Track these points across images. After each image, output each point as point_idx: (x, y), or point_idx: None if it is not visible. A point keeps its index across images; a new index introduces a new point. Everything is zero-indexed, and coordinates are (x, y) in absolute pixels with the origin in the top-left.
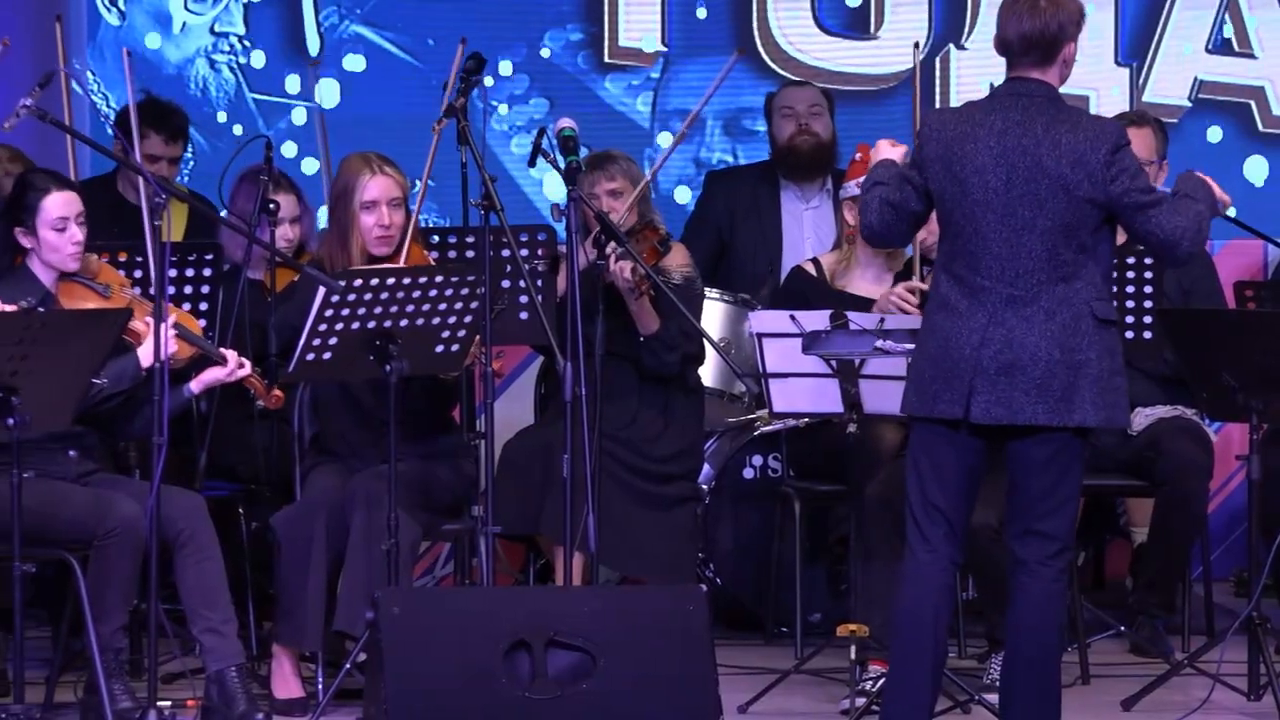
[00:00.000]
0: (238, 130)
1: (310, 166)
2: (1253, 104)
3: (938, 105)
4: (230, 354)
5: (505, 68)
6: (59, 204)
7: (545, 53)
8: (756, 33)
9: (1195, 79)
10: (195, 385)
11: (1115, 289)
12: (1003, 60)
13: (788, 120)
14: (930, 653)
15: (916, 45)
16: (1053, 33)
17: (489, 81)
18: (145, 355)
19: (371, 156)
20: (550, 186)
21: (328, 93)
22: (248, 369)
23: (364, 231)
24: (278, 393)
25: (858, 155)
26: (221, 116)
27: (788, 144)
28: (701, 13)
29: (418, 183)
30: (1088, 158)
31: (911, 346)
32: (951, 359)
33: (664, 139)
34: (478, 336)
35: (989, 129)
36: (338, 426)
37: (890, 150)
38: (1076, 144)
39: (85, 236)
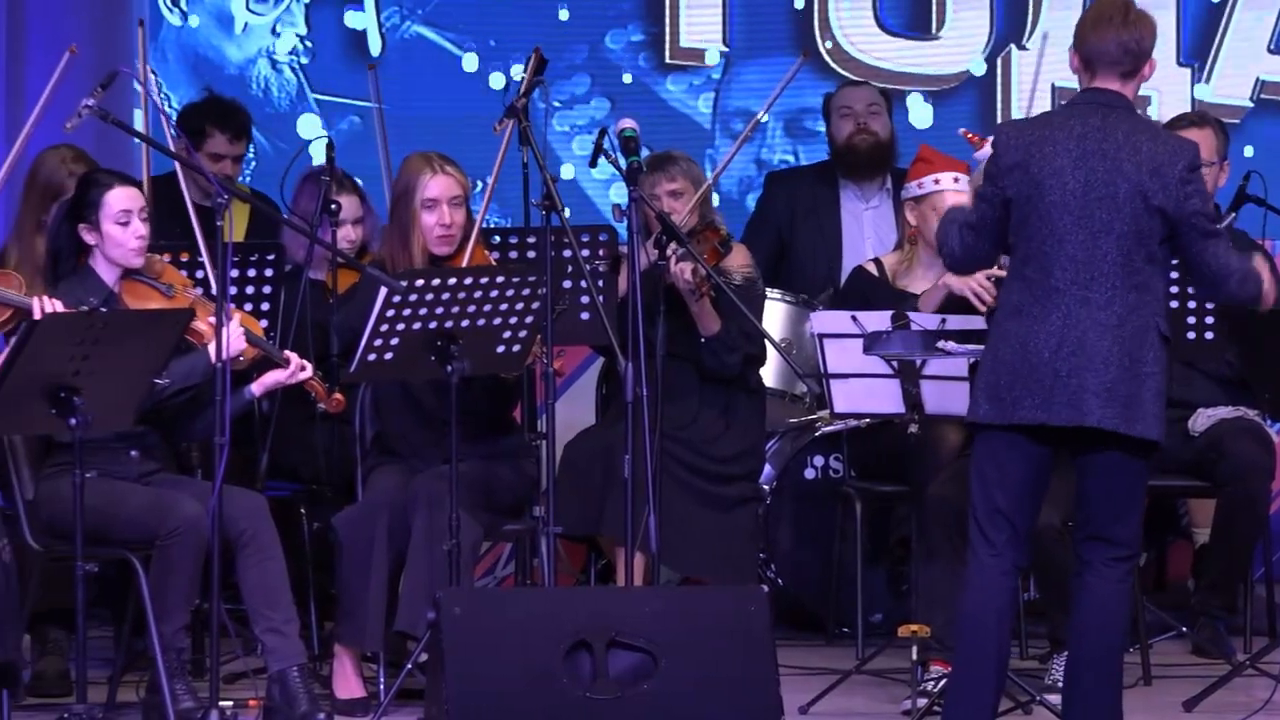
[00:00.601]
0: (303, 127)
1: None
2: None
3: (998, 105)
4: (292, 356)
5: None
6: (121, 198)
7: (606, 53)
8: (818, 33)
9: (1258, 79)
10: (256, 387)
11: (1176, 290)
12: (1063, 60)
13: (846, 120)
14: (994, 655)
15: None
16: (1147, 45)
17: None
18: (214, 350)
19: (432, 156)
20: (597, 187)
21: (388, 92)
22: (309, 372)
23: (425, 231)
24: (338, 396)
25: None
26: (301, 126)
27: (846, 143)
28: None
29: (479, 183)
30: (1165, 170)
31: (975, 347)
32: (1031, 364)
33: (721, 140)
34: (538, 337)
35: (1068, 133)
36: (399, 427)
37: (958, 198)
38: (1156, 154)
39: (149, 233)
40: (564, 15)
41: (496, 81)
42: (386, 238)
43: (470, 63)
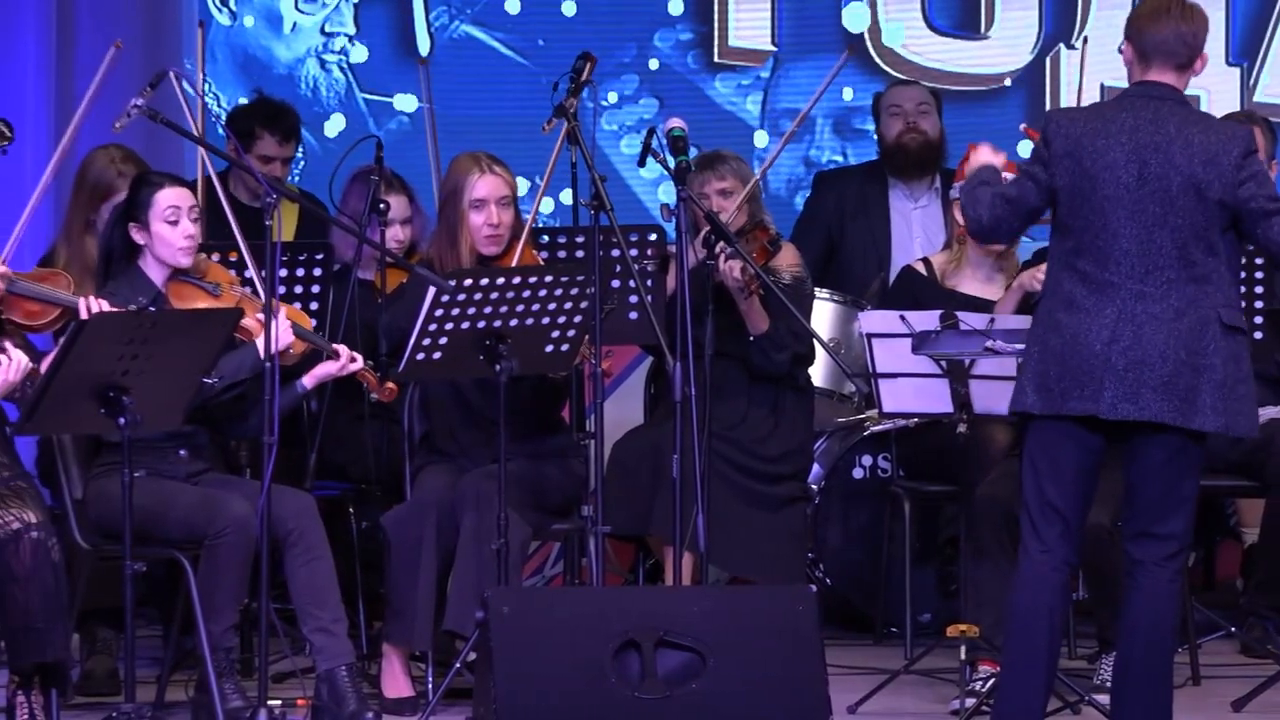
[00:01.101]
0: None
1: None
2: None
3: (1048, 105)
4: (342, 348)
5: (621, 73)
6: (171, 196)
7: (655, 53)
8: (866, 32)
9: None
10: (308, 380)
11: None
12: (1114, 59)
13: (895, 119)
14: (1044, 655)
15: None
16: (1201, 39)
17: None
18: (262, 344)
19: (481, 156)
20: (645, 186)
21: (436, 92)
22: (360, 363)
23: (473, 231)
24: (391, 385)
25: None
26: (336, 121)
27: (896, 142)
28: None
29: (527, 182)
30: (1219, 158)
31: (1023, 346)
32: (1081, 355)
33: (764, 139)
34: (587, 336)
35: (1120, 125)
36: (447, 426)
37: (991, 156)
38: (1209, 144)
39: (199, 233)
40: (612, 15)
41: (544, 81)
42: (435, 238)
43: (518, 62)
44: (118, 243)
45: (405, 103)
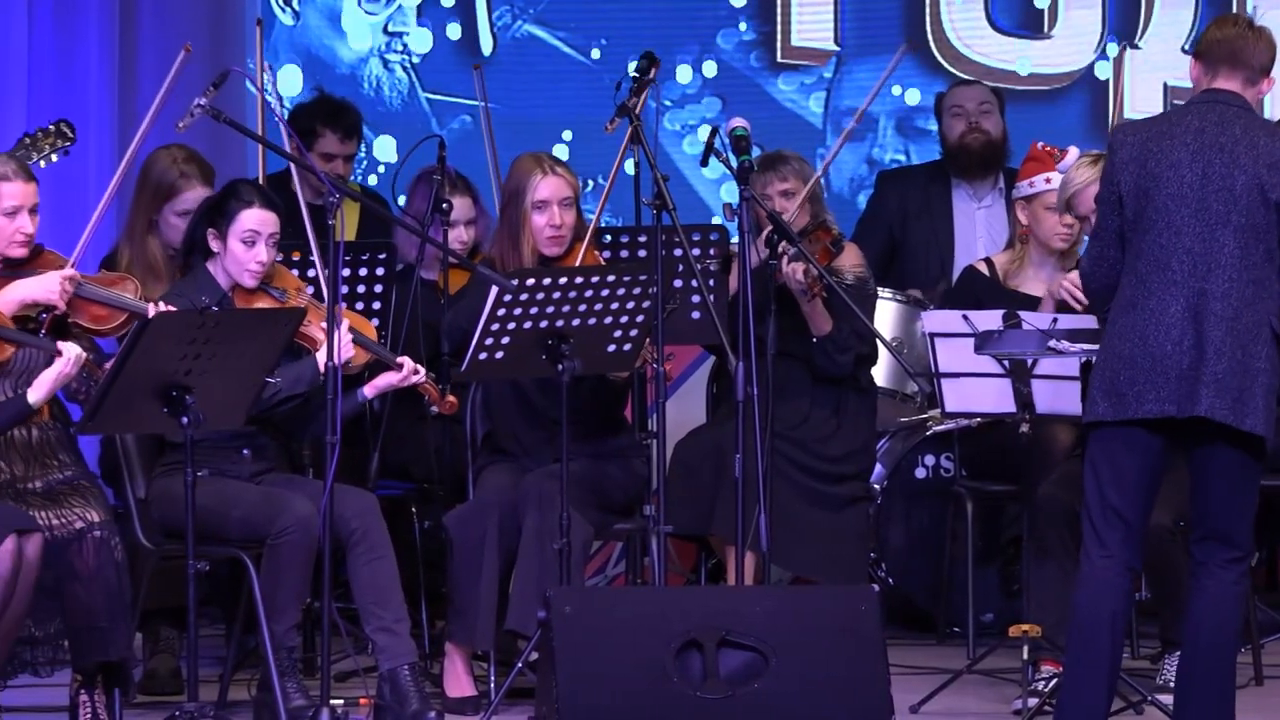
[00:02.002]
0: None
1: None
2: None
3: (1111, 104)
4: (405, 360)
5: (684, 73)
6: (255, 219)
7: (717, 52)
8: (929, 31)
9: None
10: (369, 390)
11: None
12: (1176, 59)
13: (958, 119)
14: (1107, 657)
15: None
16: (1270, 57)
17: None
18: (323, 359)
19: (543, 157)
20: (708, 186)
21: (498, 92)
22: (422, 375)
23: (535, 231)
24: (451, 399)
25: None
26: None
27: (958, 143)
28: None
29: (589, 182)
30: None
31: (1087, 346)
32: (1153, 357)
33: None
34: (649, 336)
35: (1186, 127)
36: (509, 426)
37: None
38: (1274, 148)
39: (271, 259)
40: (675, 14)
41: (607, 81)
42: (496, 238)
43: (581, 62)
44: (199, 240)
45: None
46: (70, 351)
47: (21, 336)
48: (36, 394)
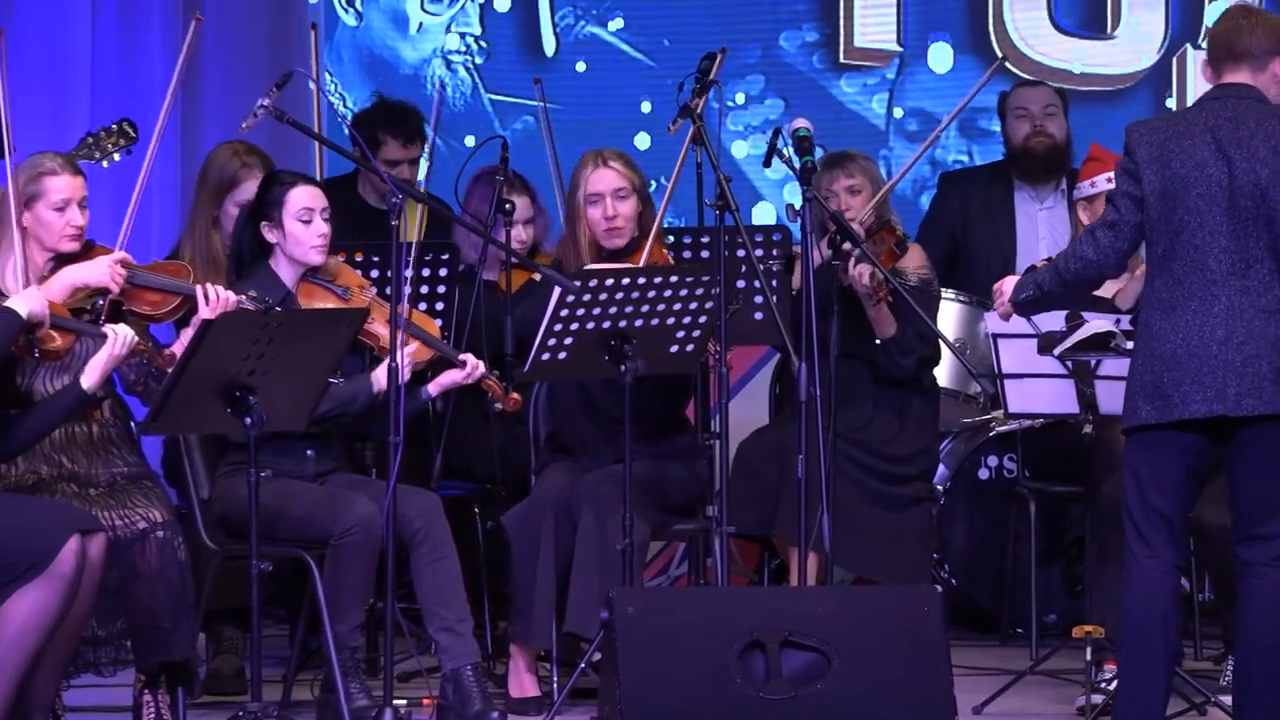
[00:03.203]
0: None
1: None
2: None
3: (1175, 105)
4: (468, 357)
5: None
6: (304, 195)
7: (780, 53)
8: (993, 32)
9: None
10: (433, 388)
11: None
12: None
13: (1022, 121)
14: (1161, 656)
15: None
16: (1271, 41)
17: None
18: (379, 378)
19: (603, 151)
20: (771, 186)
21: (563, 93)
22: (482, 370)
23: (591, 225)
24: (515, 396)
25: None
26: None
27: (1023, 145)
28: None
29: (651, 183)
30: None
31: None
32: (1199, 357)
33: (895, 141)
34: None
35: (1202, 126)
36: (572, 425)
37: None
38: None
39: (329, 234)
40: (738, 15)
41: (670, 81)
42: (561, 235)
43: (643, 63)
44: (247, 243)
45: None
46: (117, 332)
47: (69, 322)
48: (89, 379)
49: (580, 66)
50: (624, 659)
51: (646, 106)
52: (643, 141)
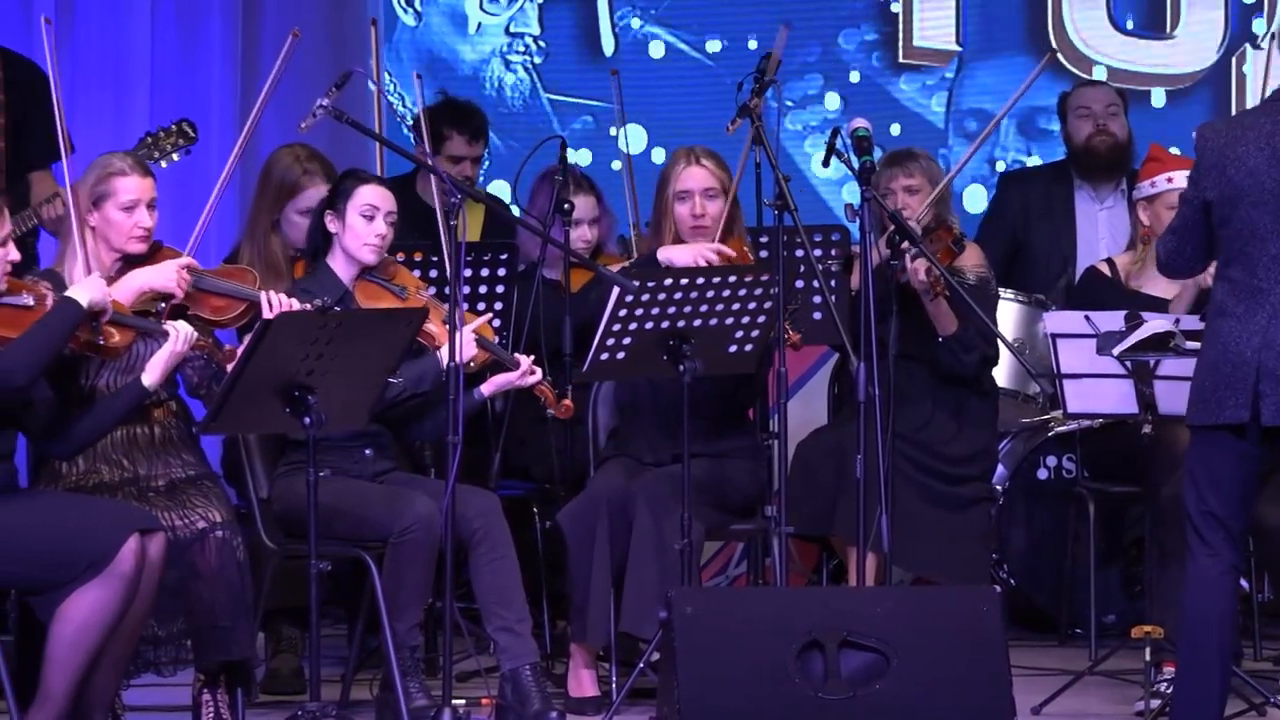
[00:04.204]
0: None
1: None
2: None
3: (1233, 105)
4: (521, 359)
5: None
6: (374, 194)
7: (839, 52)
8: (1052, 32)
9: None
10: (486, 388)
11: None
12: None
13: (1084, 121)
14: (1218, 658)
15: None
16: None
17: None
18: (444, 355)
19: (695, 148)
20: (829, 186)
21: (633, 138)
22: (539, 376)
23: (678, 222)
24: (567, 403)
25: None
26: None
27: (1085, 145)
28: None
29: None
30: None
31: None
32: (1232, 364)
33: (954, 140)
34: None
35: (1258, 131)
36: (631, 425)
37: None
38: None
39: (389, 238)
40: (797, 15)
41: (728, 81)
42: (649, 229)
43: (702, 62)
44: (316, 236)
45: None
46: (178, 329)
47: (130, 319)
48: (150, 376)
49: (638, 66)
50: (682, 659)
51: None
52: (693, 139)
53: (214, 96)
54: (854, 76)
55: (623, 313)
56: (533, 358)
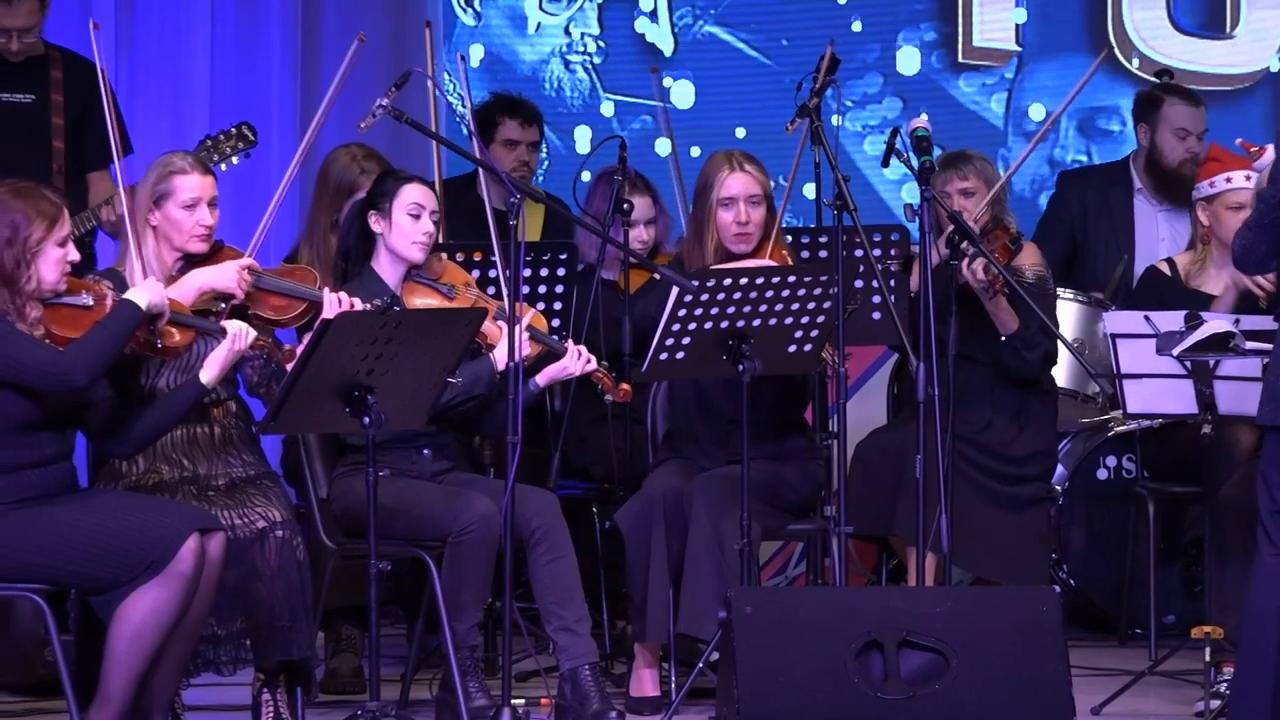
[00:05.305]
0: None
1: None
2: None
3: None
4: (571, 346)
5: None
6: (418, 192)
7: (899, 53)
8: (1112, 32)
9: None
10: (541, 379)
11: None
12: None
13: (1179, 143)
14: (1274, 654)
15: None
16: None
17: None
18: (498, 357)
19: (735, 153)
20: (889, 186)
21: (680, 93)
22: (593, 363)
23: (721, 228)
24: (625, 386)
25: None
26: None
27: (1175, 169)
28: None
29: (776, 182)
30: None
31: (1266, 346)
32: None
33: (1014, 140)
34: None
35: None
36: (689, 424)
37: None
38: None
39: (436, 235)
40: (856, 26)
41: (788, 81)
42: (685, 233)
43: (761, 62)
44: (355, 240)
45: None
46: (235, 328)
47: (188, 319)
48: (208, 373)
49: (698, 66)
50: (742, 659)
51: (763, 105)
52: (751, 139)
53: (274, 98)
54: (914, 77)
55: (682, 312)
56: (583, 347)
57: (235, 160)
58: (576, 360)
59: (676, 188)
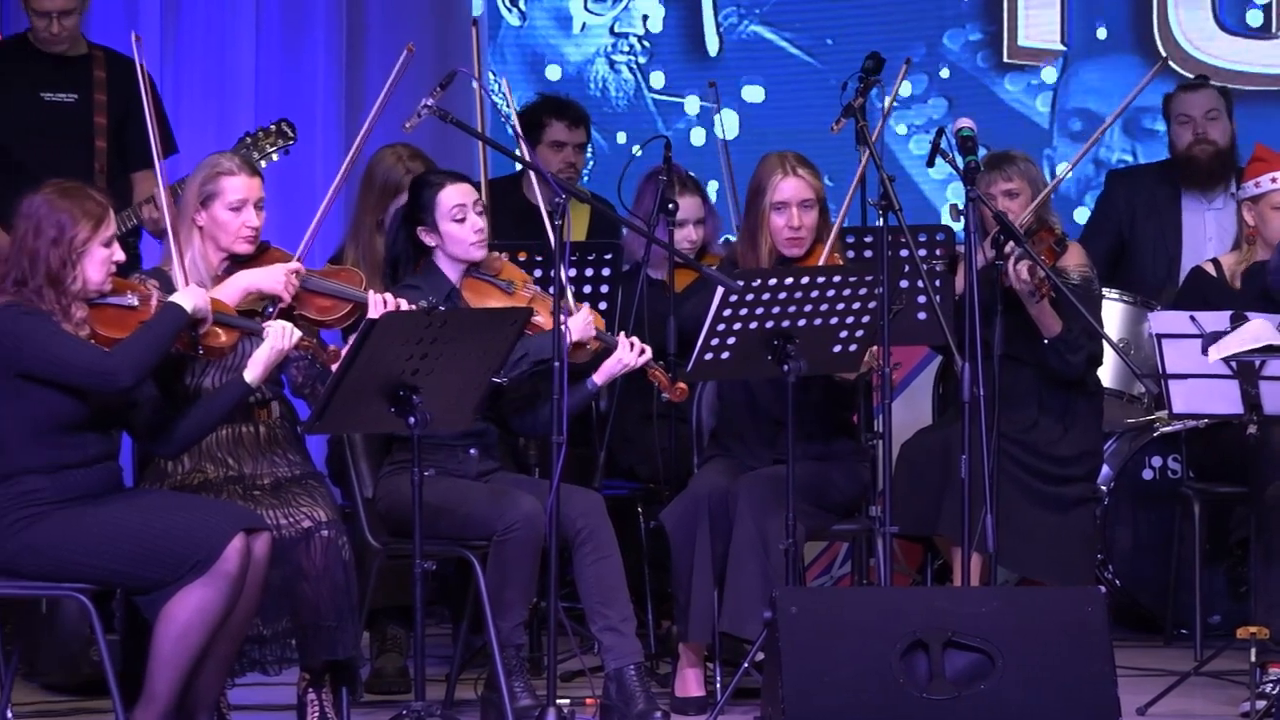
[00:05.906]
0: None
1: None
2: None
3: None
4: (622, 339)
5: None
6: (454, 194)
7: (944, 53)
8: (1157, 32)
9: None
10: (599, 376)
11: None
12: None
13: (1185, 127)
14: None
15: None
16: None
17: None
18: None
19: (788, 156)
20: (934, 186)
21: (726, 91)
22: (648, 355)
23: (774, 232)
24: (681, 385)
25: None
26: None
27: (1186, 153)
28: (1101, 33)
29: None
30: None
31: None
32: None
33: (1059, 141)
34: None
35: None
36: (735, 424)
37: None
38: None
39: (487, 226)
40: (901, 15)
41: (833, 81)
42: (739, 236)
43: (807, 62)
44: (403, 248)
45: (693, 104)
46: (278, 327)
47: (233, 319)
48: (252, 373)
49: (743, 65)
50: (787, 659)
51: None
52: (798, 140)
53: (319, 99)
54: (959, 77)
55: (727, 313)
56: (635, 339)
57: (275, 157)
58: (630, 351)
59: (729, 190)
